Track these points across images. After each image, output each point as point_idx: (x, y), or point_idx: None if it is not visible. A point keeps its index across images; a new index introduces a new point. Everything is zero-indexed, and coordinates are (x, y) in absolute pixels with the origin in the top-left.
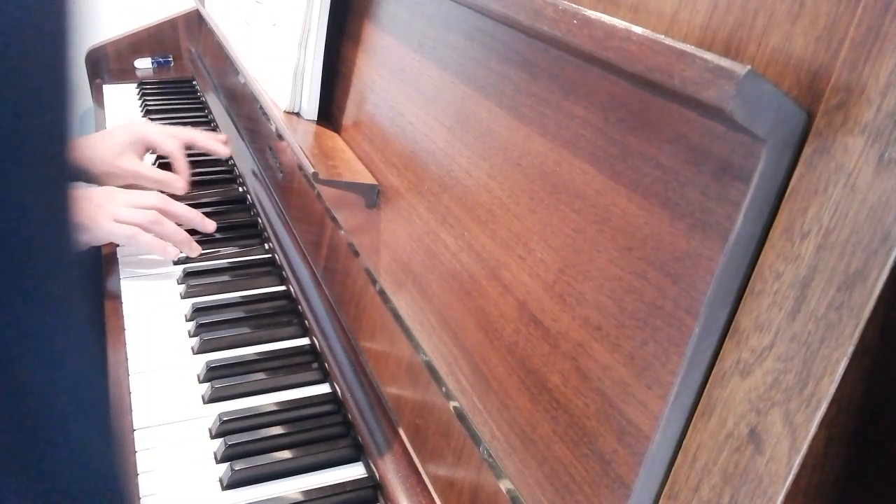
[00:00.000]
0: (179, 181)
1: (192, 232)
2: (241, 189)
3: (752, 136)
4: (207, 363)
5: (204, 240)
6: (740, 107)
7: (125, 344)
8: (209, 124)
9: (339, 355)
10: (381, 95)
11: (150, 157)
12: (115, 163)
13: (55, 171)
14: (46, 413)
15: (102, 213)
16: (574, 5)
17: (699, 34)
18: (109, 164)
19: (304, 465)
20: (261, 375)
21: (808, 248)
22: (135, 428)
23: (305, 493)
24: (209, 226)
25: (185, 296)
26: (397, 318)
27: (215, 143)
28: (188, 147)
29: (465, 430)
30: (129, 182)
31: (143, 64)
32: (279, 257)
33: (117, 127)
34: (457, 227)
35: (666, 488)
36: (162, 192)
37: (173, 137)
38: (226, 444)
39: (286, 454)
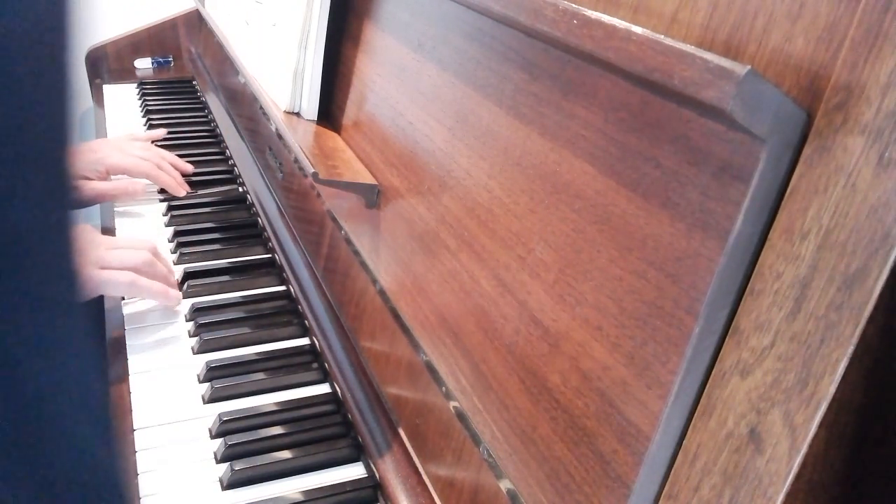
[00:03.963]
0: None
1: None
2: (241, 189)
3: (752, 136)
4: (207, 363)
5: (205, 239)
6: (740, 107)
7: (125, 344)
8: (209, 124)
9: (339, 355)
10: (381, 95)
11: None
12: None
13: (55, 170)
14: (46, 413)
15: (86, 260)
16: (574, 5)
17: (699, 34)
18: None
19: (304, 465)
20: (261, 375)
21: (808, 248)
22: (135, 428)
23: (305, 493)
24: (173, 297)
25: (185, 296)
26: (397, 318)
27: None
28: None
29: (465, 430)
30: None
31: (143, 64)
32: (279, 257)
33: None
34: (457, 227)
35: (666, 488)
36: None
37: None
38: (226, 444)
39: (286, 454)
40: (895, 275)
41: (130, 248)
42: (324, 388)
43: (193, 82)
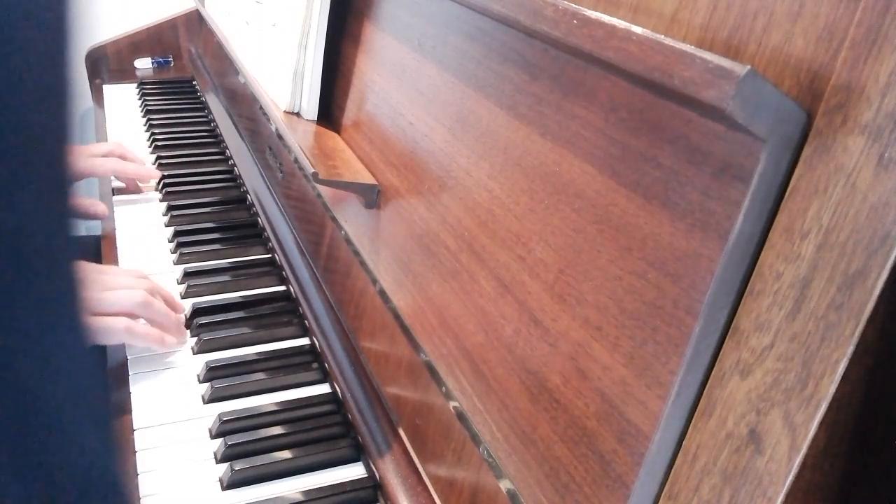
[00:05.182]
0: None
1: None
2: (241, 189)
3: (752, 137)
4: (207, 363)
5: (205, 239)
6: (740, 107)
7: (125, 344)
8: (209, 124)
9: (339, 355)
10: (381, 95)
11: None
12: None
13: (54, 169)
14: (46, 413)
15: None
16: (574, 5)
17: (699, 34)
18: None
19: (304, 465)
20: (261, 375)
21: (808, 248)
22: (135, 428)
23: (305, 493)
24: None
25: (185, 296)
26: (397, 318)
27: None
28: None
29: (465, 430)
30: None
31: (143, 64)
32: (279, 257)
33: None
34: (457, 227)
35: (666, 488)
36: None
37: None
38: (226, 444)
39: (286, 454)
40: (895, 275)
41: (127, 287)
42: (324, 388)
43: (193, 82)
